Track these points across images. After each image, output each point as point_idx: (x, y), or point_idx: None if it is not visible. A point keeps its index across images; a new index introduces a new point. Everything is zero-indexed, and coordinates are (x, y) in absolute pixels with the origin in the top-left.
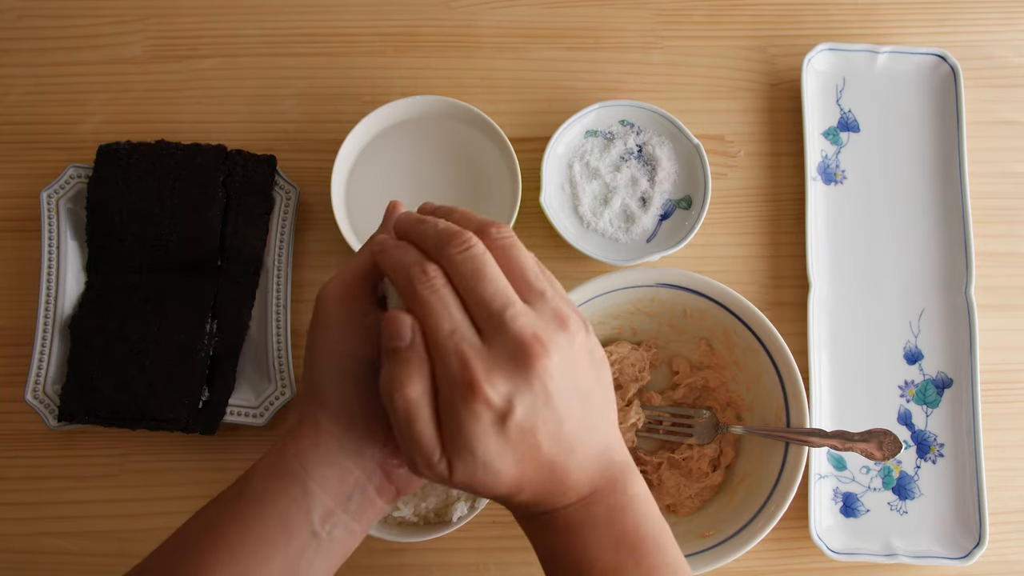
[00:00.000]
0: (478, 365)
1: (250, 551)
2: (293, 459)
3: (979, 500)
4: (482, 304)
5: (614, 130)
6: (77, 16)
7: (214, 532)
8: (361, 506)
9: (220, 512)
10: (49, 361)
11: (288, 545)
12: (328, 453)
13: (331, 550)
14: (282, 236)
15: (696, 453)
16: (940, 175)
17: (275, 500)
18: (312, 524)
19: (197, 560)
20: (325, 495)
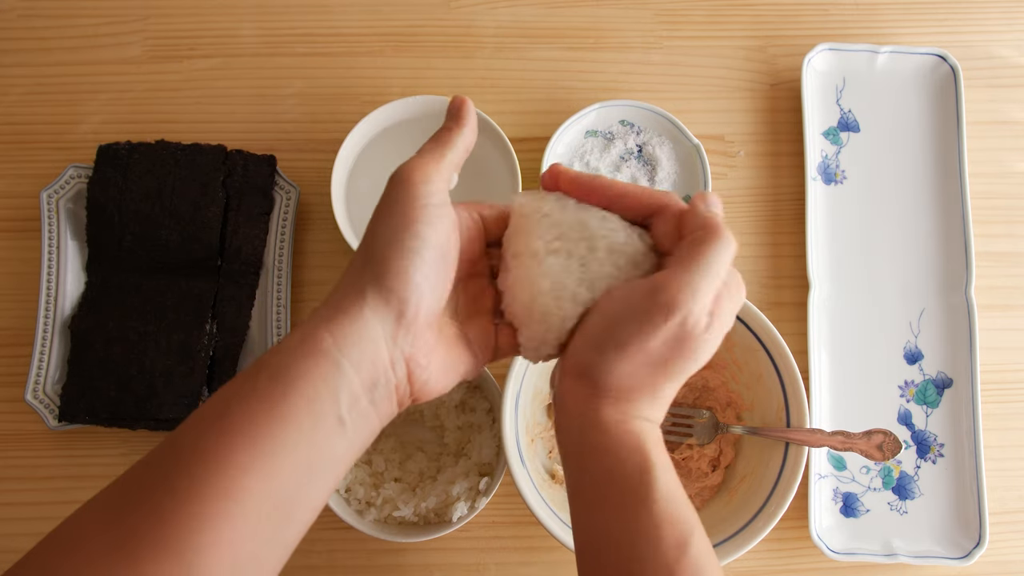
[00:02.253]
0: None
1: (270, 436)
2: (327, 334)
3: (979, 500)
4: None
5: (614, 130)
6: (77, 16)
7: (230, 415)
8: (382, 400)
9: (234, 394)
10: (49, 361)
11: (314, 431)
12: (368, 330)
13: (352, 440)
14: (282, 236)
15: (696, 453)
16: (940, 175)
17: (301, 378)
18: (339, 408)
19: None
20: (356, 376)
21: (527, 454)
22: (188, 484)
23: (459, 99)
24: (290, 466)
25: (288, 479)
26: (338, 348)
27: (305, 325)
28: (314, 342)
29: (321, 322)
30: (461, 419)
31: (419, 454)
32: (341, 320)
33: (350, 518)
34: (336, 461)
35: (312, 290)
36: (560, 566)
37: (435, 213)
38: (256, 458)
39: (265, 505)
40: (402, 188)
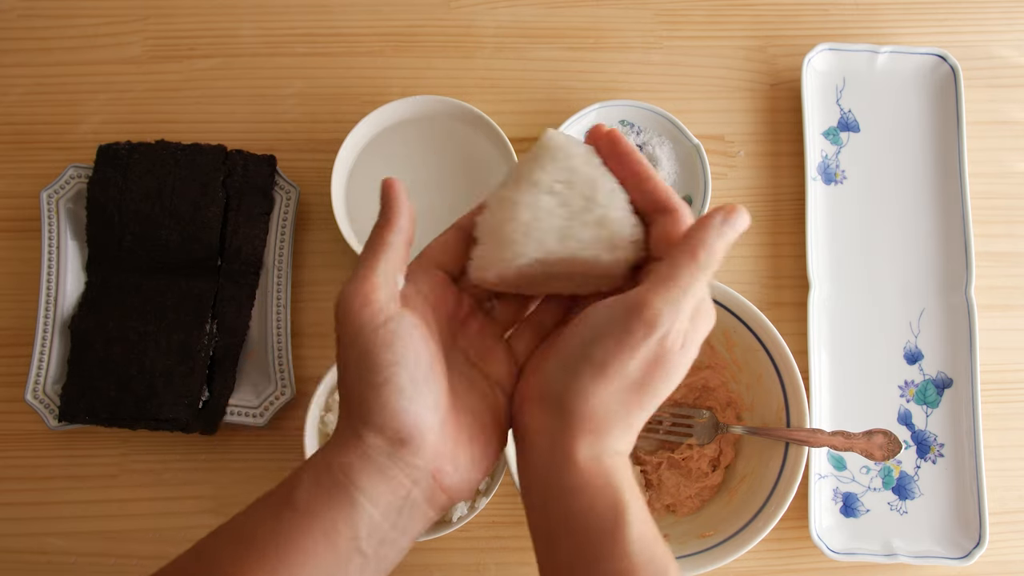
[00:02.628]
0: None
1: (288, 567)
2: (339, 471)
3: (979, 500)
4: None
5: None
6: (77, 16)
7: (248, 544)
8: (411, 518)
9: (257, 522)
10: (49, 361)
11: (334, 565)
12: (377, 465)
13: (376, 568)
14: (282, 236)
15: (696, 453)
16: (940, 175)
17: (320, 514)
18: (359, 541)
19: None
20: (374, 509)
21: None
22: None
23: (386, 184)
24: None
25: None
26: (353, 484)
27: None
28: (331, 478)
29: (334, 456)
30: None
31: None
32: (351, 459)
33: None
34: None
35: (312, 290)
36: None
37: (388, 332)
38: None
39: None
40: (344, 323)
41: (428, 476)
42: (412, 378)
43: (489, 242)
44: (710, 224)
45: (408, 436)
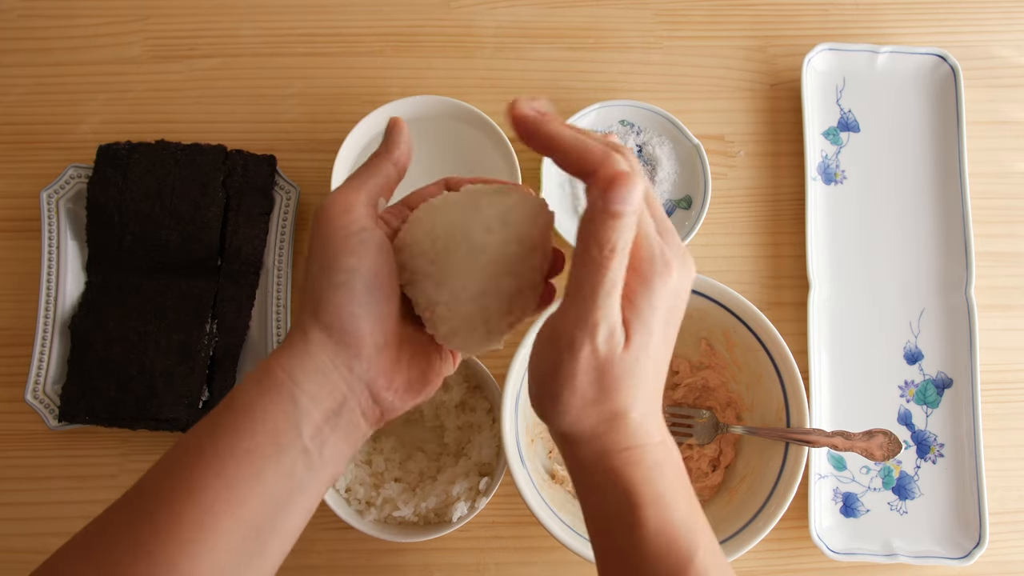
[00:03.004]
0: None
1: (235, 468)
2: (281, 371)
3: (979, 500)
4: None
5: (614, 130)
6: (77, 16)
7: (201, 450)
8: (348, 426)
9: (207, 429)
10: (49, 361)
11: (278, 461)
12: (317, 365)
13: (321, 469)
14: (282, 236)
15: (696, 453)
16: (940, 175)
17: (263, 413)
18: (302, 438)
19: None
20: (314, 408)
21: (527, 454)
22: (167, 516)
23: (393, 120)
24: (258, 496)
25: (257, 508)
26: (293, 382)
27: (265, 361)
28: (271, 378)
29: (274, 359)
30: (461, 419)
31: (419, 454)
32: (291, 356)
33: (350, 518)
34: (305, 489)
35: None
36: (560, 566)
37: (358, 240)
38: (223, 490)
39: (237, 533)
40: (322, 222)
41: (364, 387)
42: (367, 287)
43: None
44: (592, 217)
45: (351, 339)
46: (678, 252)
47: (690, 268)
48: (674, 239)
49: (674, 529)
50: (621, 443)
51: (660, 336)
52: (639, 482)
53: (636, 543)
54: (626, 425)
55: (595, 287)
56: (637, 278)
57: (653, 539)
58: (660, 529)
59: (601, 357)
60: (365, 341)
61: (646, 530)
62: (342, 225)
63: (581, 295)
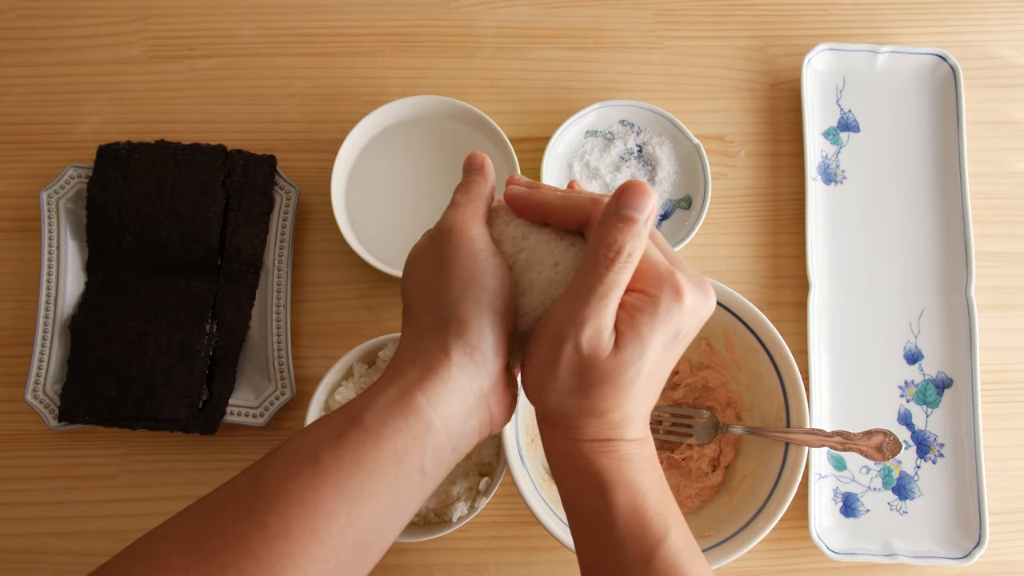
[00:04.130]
0: (682, 279)
1: (358, 486)
2: (420, 396)
3: (979, 500)
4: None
5: (614, 130)
6: (77, 16)
7: (320, 462)
8: (467, 443)
9: (328, 441)
10: (49, 361)
11: (396, 482)
12: (459, 389)
13: (430, 486)
14: (282, 236)
15: (696, 453)
16: (940, 175)
17: (393, 436)
18: (423, 462)
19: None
20: (444, 431)
21: (527, 454)
22: (278, 523)
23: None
24: (372, 513)
25: (369, 524)
26: (432, 408)
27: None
28: (410, 402)
29: (414, 383)
30: None
31: None
32: (434, 380)
33: None
34: (411, 505)
35: (312, 290)
36: (560, 566)
37: (495, 263)
38: (343, 505)
39: (345, 547)
40: (462, 243)
41: (486, 406)
42: (503, 311)
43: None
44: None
45: (490, 360)
46: (694, 281)
47: (708, 299)
48: (689, 269)
49: (645, 512)
50: (595, 434)
51: (657, 354)
52: (609, 469)
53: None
54: (604, 420)
55: (592, 287)
56: (643, 296)
57: (625, 521)
58: (631, 512)
59: (584, 354)
60: (499, 361)
61: (618, 512)
62: (481, 247)
63: (578, 293)
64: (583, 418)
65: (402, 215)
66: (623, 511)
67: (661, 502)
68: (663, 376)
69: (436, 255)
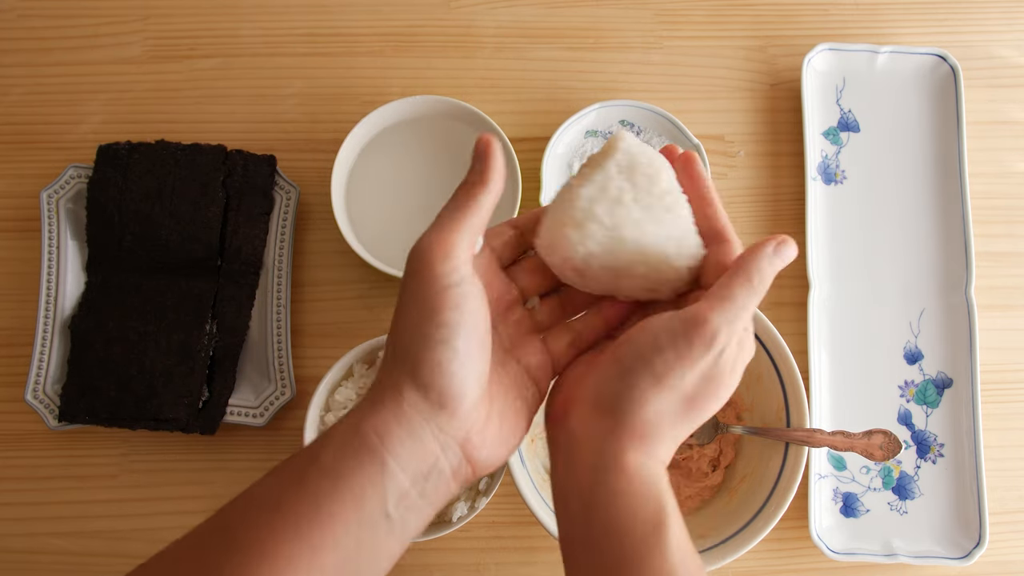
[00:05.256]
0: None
1: (319, 531)
2: (371, 433)
3: (979, 500)
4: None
5: (614, 130)
6: (77, 16)
7: (279, 508)
8: (436, 488)
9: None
10: (49, 361)
11: (359, 527)
12: (411, 428)
13: (401, 534)
14: (282, 236)
15: (696, 453)
16: (940, 175)
17: (349, 477)
18: (386, 506)
19: (257, 538)
20: (403, 474)
21: (527, 454)
22: (237, 571)
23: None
24: (335, 560)
25: (333, 572)
26: (384, 447)
27: (353, 415)
28: (361, 440)
29: (365, 417)
30: None
31: None
32: (385, 417)
33: None
34: (381, 554)
35: (312, 290)
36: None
37: (459, 293)
38: (304, 551)
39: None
40: (420, 271)
41: (457, 446)
42: (467, 344)
43: (558, 225)
44: (763, 252)
45: (449, 400)
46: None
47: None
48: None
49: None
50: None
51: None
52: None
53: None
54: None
55: (747, 305)
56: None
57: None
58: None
59: (722, 364)
60: (462, 401)
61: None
62: (442, 274)
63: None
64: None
65: (402, 215)
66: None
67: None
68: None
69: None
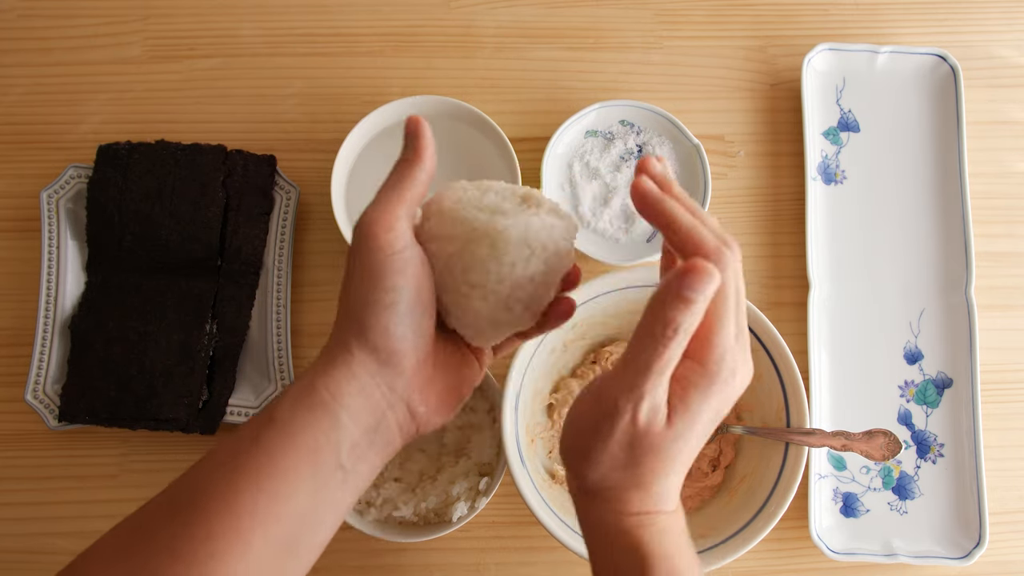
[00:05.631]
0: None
1: (275, 483)
2: (324, 389)
3: (979, 500)
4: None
5: (614, 130)
6: (77, 16)
7: (237, 464)
8: (384, 439)
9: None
10: (49, 361)
11: (314, 478)
12: (361, 384)
13: (354, 484)
14: (282, 236)
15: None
16: (940, 175)
17: (303, 430)
18: (340, 456)
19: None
20: (354, 426)
21: (527, 454)
22: (203, 526)
23: (413, 121)
24: (293, 510)
25: (292, 522)
26: (336, 401)
27: (306, 375)
28: (314, 396)
29: (318, 376)
30: (461, 419)
31: (419, 454)
32: (335, 374)
33: (350, 518)
34: (337, 503)
35: (312, 290)
36: (560, 566)
37: (402, 259)
38: (262, 504)
39: (272, 546)
40: (365, 241)
41: (402, 403)
42: (411, 307)
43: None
44: (663, 297)
45: (395, 358)
46: (745, 359)
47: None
48: (746, 348)
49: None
50: (638, 508)
51: (702, 429)
52: (651, 543)
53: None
54: (649, 493)
55: (650, 362)
56: (699, 372)
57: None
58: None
59: (639, 428)
60: (407, 360)
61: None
62: (386, 243)
63: (635, 366)
64: (628, 491)
65: None
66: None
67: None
68: (702, 445)
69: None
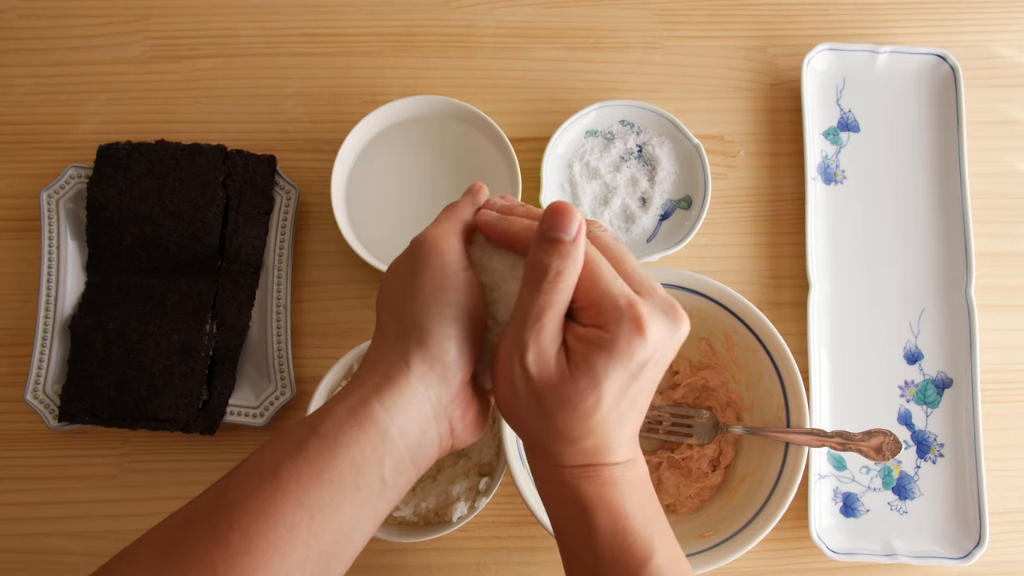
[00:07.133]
0: (644, 310)
1: (319, 498)
2: (377, 404)
3: (979, 500)
4: (630, 273)
5: (614, 130)
6: (77, 16)
7: (280, 476)
8: (425, 455)
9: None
10: (49, 361)
11: (356, 492)
12: (416, 400)
13: (392, 498)
14: (282, 236)
15: (696, 453)
16: (940, 175)
17: (350, 445)
18: (383, 470)
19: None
20: (402, 441)
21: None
22: (240, 540)
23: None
24: (334, 525)
25: (331, 536)
26: (389, 417)
27: (354, 391)
28: (366, 411)
29: (371, 392)
30: None
31: None
32: (391, 389)
33: None
34: (374, 518)
35: (312, 290)
36: (560, 566)
37: (464, 279)
38: (304, 518)
39: (309, 560)
40: (432, 256)
41: (446, 417)
42: (469, 325)
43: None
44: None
45: (451, 371)
46: (661, 308)
47: (679, 327)
48: (658, 295)
49: (628, 535)
50: (572, 460)
51: (619, 387)
52: (590, 494)
53: (592, 549)
54: (579, 447)
55: (527, 309)
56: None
57: (607, 545)
58: (613, 535)
59: (533, 377)
60: (460, 374)
61: (600, 536)
62: (451, 261)
63: (518, 315)
64: (557, 444)
65: (402, 215)
66: (605, 535)
67: (646, 523)
68: (640, 402)
69: (408, 266)
